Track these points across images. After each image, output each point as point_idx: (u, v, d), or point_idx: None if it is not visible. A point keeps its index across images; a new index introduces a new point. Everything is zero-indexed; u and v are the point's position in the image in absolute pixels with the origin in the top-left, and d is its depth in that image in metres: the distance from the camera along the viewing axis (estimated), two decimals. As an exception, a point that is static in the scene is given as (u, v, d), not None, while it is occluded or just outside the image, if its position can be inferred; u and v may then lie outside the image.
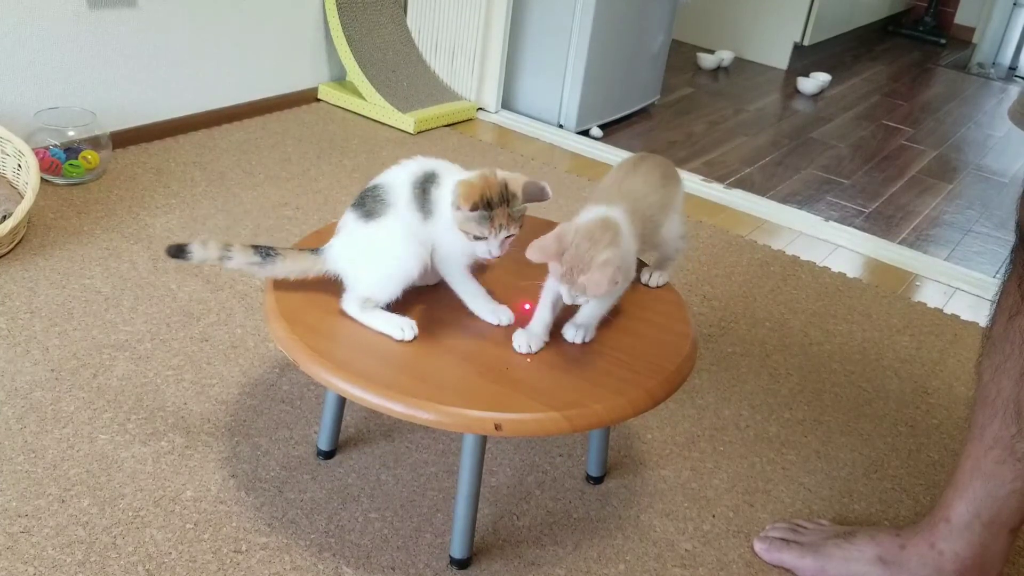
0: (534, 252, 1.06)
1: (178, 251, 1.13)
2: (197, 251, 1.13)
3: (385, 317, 1.14)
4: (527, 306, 1.19)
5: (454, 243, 1.12)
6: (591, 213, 1.12)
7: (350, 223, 1.15)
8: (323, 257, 1.17)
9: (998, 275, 1.17)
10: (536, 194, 1.11)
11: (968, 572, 1.19)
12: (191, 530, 1.23)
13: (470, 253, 1.13)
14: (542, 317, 1.15)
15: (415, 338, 1.13)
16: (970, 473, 1.17)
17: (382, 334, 1.13)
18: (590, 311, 1.15)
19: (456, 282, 1.18)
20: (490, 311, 1.18)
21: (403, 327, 1.13)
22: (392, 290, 1.14)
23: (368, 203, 1.13)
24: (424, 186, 1.12)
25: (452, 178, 1.11)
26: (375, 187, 1.14)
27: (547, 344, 1.15)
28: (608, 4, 2.83)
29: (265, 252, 1.15)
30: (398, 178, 1.14)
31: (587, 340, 1.16)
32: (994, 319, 1.15)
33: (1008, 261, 1.15)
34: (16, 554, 1.16)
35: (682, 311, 1.27)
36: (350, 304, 1.15)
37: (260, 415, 1.46)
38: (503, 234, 1.08)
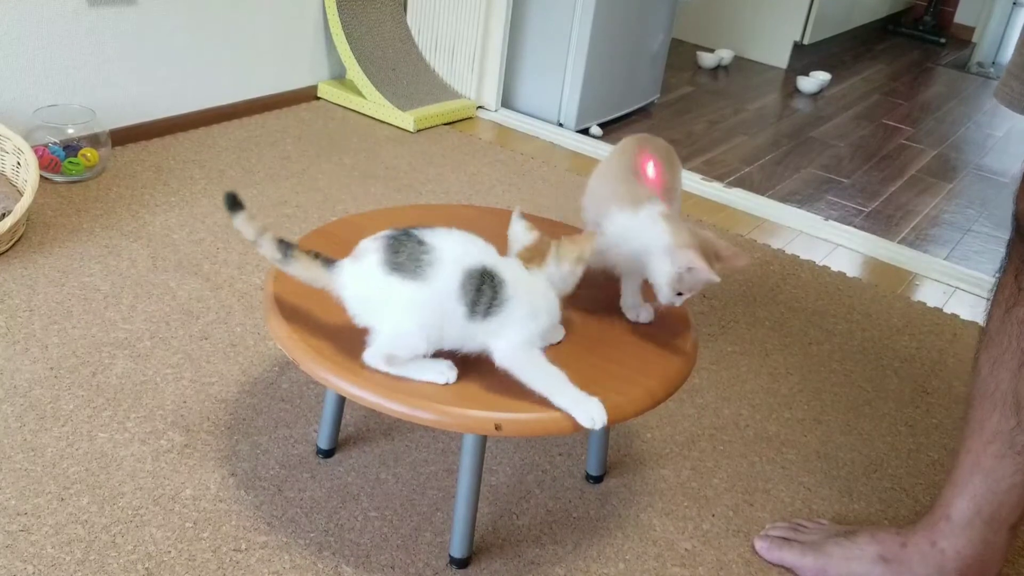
0: (711, 272, 1.09)
1: (233, 203, 1.06)
2: (242, 222, 1.06)
3: (419, 366, 1.05)
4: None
5: (524, 330, 1.05)
6: (652, 213, 1.15)
7: (373, 262, 1.02)
8: (332, 275, 1.05)
9: (997, 274, 1.17)
10: None
11: (969, 569, 1.19)
12: (190, 528, 1.23)
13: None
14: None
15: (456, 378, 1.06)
16: (970, 469, 1.17)
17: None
18: (634, 288, 1.23)
19: (536, 375, 1.05)
20: (577, 402, 1.04)
21: (443, 371, 1.05)
22: (415, 351, 1.04)
23: (403, 256, 1.01)
24: (481, 286, 1.02)
25: (514, 277, 1.04)
26: (423, 246, 1.02)
27: (546, 344, 1.15)
28: (608, 3, 2.83)
29: (285, 249, 1.06)
30: (450, 255, 1.02)
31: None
32: (991, 312, 1.15)
33: (1005, 254, 1.15)
34: (15, 552, 1.16)
35: (682, 311, 1.27)
36: (375, 358, 1.05)
37: (260, 414, 1.46)
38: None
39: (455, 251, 1.03)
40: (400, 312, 1.02)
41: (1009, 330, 1.11)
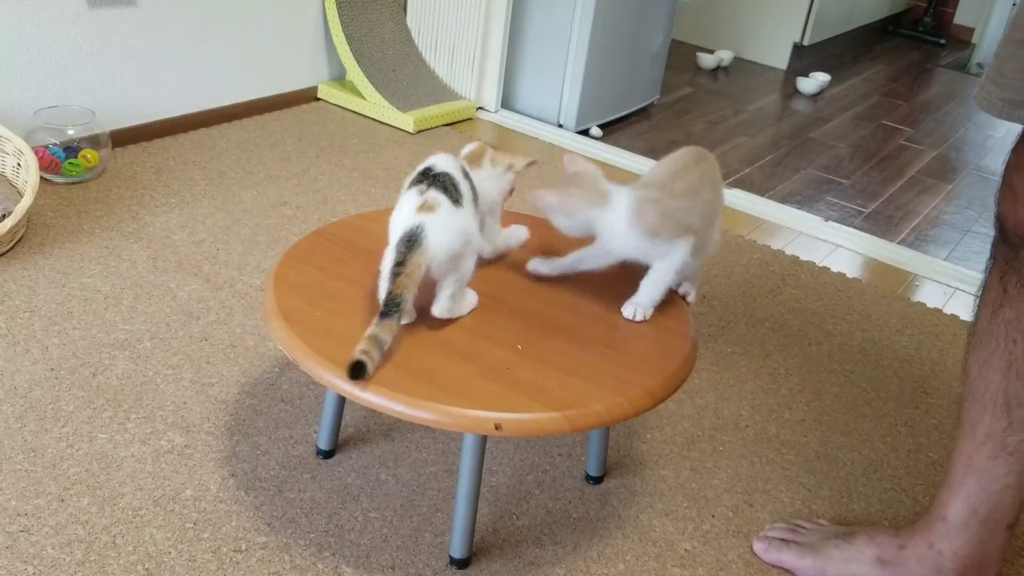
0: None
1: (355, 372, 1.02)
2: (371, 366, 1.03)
3: (463, 298, 1.18)
4: None
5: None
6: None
7: (446, 206, 1.09)
8: (422, 249, 1.07)
9: (984, 275, 1.17)
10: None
11: (967, 570, 1.19)
12: (191, 529, 1.23)
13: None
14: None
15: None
16: (964, 470, 1.17)
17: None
18: (651, 289, 1.22)
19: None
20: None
21: (476, 298, 1.20)
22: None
23: (451, 189, 1.11)
24: (469, 180, 1.16)
25: (466, 169, 1.20)
26: (441, 175, 1.11)
27: (546, 344, 1.15)
28: (608, 4, 2.83)
29: (392, 309, 1.05)
30: (454, 168, 1.15)
31: (646, 318, 1.22)
32: (978, 314, 1.15)
33: (990, 255, 1.15)
34: (15, 553, 1.16)
35: (682, 311, 1.27)
36: (443, 306, 1.15)
37: (260, 414, 1.46)
38: None
39: (447, 163, 1.14)
40: (475, 233, 1.13)
41: (996, 332, 1.11)
